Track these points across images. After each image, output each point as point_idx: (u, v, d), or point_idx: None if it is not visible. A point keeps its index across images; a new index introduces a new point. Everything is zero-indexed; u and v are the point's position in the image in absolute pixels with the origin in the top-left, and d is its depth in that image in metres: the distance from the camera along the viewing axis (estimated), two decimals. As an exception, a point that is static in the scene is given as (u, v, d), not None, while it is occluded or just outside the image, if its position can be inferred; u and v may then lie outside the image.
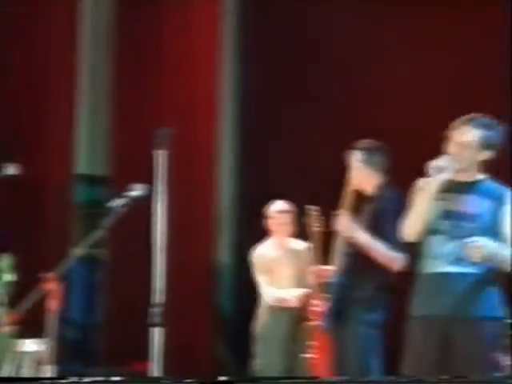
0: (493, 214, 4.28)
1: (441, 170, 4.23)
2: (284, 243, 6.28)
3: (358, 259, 5.08)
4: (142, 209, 5.76)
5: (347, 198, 5.27)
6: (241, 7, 9.01)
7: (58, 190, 7.85)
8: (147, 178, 4.68)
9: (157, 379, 4.53)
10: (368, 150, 5.32)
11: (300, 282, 6.17)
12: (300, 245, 6.20)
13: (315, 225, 5.89)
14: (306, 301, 6.00)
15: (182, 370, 6.53)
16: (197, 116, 8.37)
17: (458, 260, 4.21)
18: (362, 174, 5.29)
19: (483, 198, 4.30)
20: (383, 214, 5.10)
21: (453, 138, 4.35)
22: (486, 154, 4.32)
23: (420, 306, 4.33)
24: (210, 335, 8.33)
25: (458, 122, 4.36)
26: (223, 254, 8.67)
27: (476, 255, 4.11)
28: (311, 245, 6.03)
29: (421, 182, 4.39)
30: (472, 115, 4.42)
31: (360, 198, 5.20)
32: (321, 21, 8.26)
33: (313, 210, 5.91)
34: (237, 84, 9.09)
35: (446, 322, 4.23)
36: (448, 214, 4.27)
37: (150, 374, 4.77)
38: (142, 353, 4.76)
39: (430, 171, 4.26)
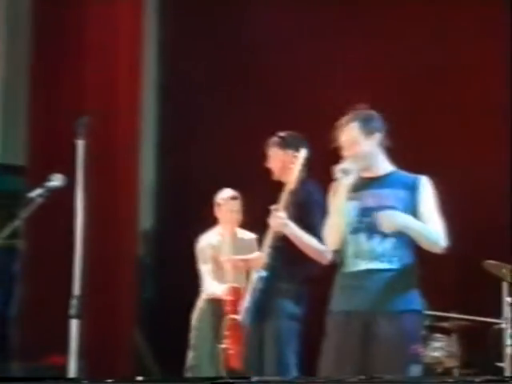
0: (409, 204, 4.31)
1: (347, 172, 4.25)
2: (231, 232, 6.16)
3: (286, 252, 5.06)
4: (61, 199, 5.80)
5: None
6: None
7: None
8: (67, 168, 4.62)
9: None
10: (288, 138, 5.30)
11: (243, 273, 5.97)
12: (246, 235, 6.11)
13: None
14: (237, 293, 5.83)
15: (100, 363, 6.54)
16: (118, 105, 8.29)
17: (379, 256, 4.25)
18: (282, 164, 5.25)
19: (397, 189, 4.33)
20: (307, 206, 5.10)
21: (340, 139, 4.41)
22: (372, 144, 4.36)
23: (340, 301, 4.36)
24: (130, 328, 8.29)
25: (339, 123, 4.40)
26: (145, 245, 8.68)
27: (388, 225, 4.17)
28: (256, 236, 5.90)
29: (333, 187, 4.42)
30: (351, 112, 4.48)
31: (284, 189, 5.14)
32: (242, 11, 8.29)
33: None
34: (158, 73, 9.14)
35: (366, 317, 4.24)
36: (365, 212, 4.29)
37: (67, 368, 4.65)
38: (61, 346, 4.70)
39: (337, 174, 4.27)
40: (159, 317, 8.74)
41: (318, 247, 4.94)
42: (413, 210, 4.30)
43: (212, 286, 6.11)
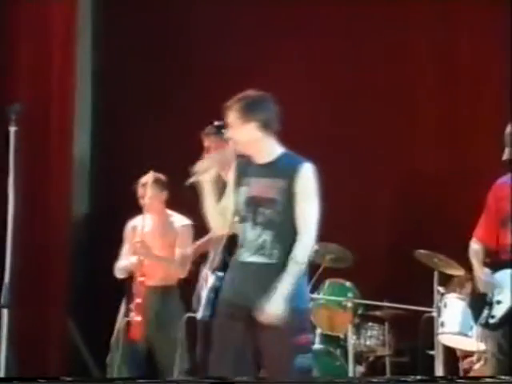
0: (288, 195, 4.14)
1: (199, 172, 4.22)
2: (156, 215, 6.03)
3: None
4: None
5: None
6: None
7: None
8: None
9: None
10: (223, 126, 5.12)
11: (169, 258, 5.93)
12: (178, 220, 6.00)
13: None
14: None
15: (31, 353, 6.46)
16: (51, 91, 8.11)
17: (261, 249, 4.13)
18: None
19: (278, 178, 4.15)
20: None
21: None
22: (251, 129, 4.18)
23: (229, 291, 4.25)
24: (63, 318, 8.15)
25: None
26: (78, 232, 8.54)
27: (272, 318, 4.05)
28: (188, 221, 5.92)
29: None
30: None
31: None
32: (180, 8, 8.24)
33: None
34: (93, 59, 8.98)
35: (249, 312, 4.15)
36: (249, 201, 4.17)
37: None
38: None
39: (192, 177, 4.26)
40: (92, 305, 8.58)
41: None
42: (291, 202, 4.15)
43: (121, 262, 6.02)
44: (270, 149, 4.25)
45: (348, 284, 6.57)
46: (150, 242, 5.84)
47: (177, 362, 5.59)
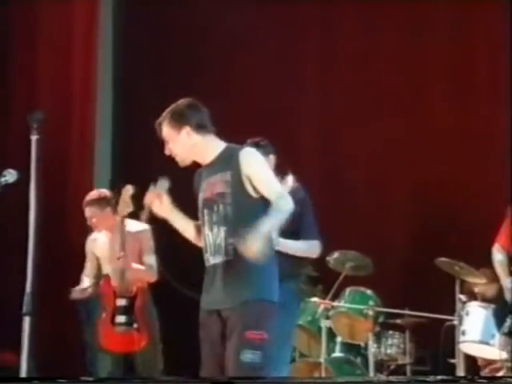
0: (237, 186, 4.14)
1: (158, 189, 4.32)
2: (111, 232, 5.99)
3: None
4: (16, 195, 5.74)
5: None
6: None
7: None
8: (21, 163, 4.53)
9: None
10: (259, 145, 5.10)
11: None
12: (135, 227, 5.87)
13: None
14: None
15: (53, 360, 6.47)
16: (72, 100, 8.21)
17: (219, 249, 4.14)
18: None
19: (222, 172, 4.16)
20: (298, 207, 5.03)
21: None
22: (184, 137, 4.22)
23: (203, 298, 4.29)
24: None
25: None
26: None
27: (251, 253, 4.01)
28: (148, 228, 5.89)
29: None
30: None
31: None
32: (199, 14, 8.29)
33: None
34: (114, 67, 8.89)
35: (219, 313, 4.18)
36: (204, 204, 4.20)
37: (20, 365, 4.56)
38: (16, 343, 4.65)
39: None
40: None
41: None
42: (242, 191, 4.14)
43: (82, 283, 6.08)
44: (211, 147, 4.28)
45: (369, 292, 6.58)
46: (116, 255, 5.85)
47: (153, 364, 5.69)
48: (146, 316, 5.78)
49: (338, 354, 6.84)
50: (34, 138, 4.44)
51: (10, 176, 4.60)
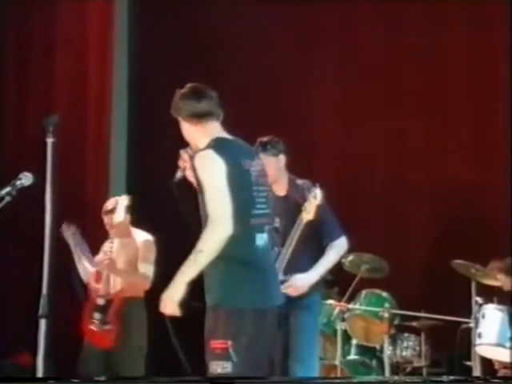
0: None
1: None
2: (121, 239, 6.12)
3: None
4: (32, 198, 5.73)
5: None
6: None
7: None
8: (37, 166, 4.56)
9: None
10: (270, 143, 5.19)
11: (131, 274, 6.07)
12: (138, 236, 6.10)
13: None
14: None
15: (69, 363, 6.46)
16: (87, 103, 8.28)
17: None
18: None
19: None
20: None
21: None
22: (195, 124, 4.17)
23: None
24: None
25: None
26: None
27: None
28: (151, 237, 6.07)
29: None
30: None
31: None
32: (210, 12, 8.28)
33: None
34: (129, 70, 8.94)
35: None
36: None
37: (36, 367, 4.59)
38: (32, 345, 4.67)
39: None
40: None
41: None
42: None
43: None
44: (200, 140, 4.19)
45: (385, 294, 6.58)
46: (115, 259, 6.01)
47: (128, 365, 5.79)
48: (121, 319, 5.89)
49: (353, 356, 6.84)
50: (49, 140, 4.45)
51: (26, 179, 4.61)
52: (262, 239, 4.09)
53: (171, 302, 4.03)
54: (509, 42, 7.13)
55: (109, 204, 6.15)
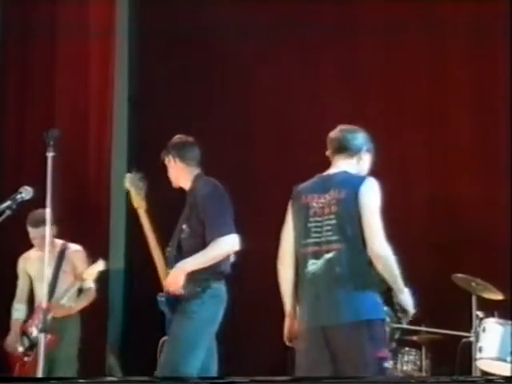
0: None
1: None
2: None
3: None
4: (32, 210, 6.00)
5: None
6: (134, 13, 9.07)
7: None
8: (38, 179, 4.74)
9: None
10: (179, 147, 5.44)
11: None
12: (67, 247, 6.24)
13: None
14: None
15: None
16: (88, 118, 8.33)
17: None
18: (175, 170, 5.44)
19: None
20: (197, 206, 5.23)
21: None
22: None
23: None
24: (100, 334, 8.27)
25: None
26: (115, 257, 8.57)
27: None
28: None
29: None
30: None
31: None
32: (214, 30, 8.33)
33: None
34: (129, 87, 9.07)
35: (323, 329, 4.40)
36: None
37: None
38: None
39: None
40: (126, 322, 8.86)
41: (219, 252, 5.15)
42: None
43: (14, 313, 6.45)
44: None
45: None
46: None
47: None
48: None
49: None
50: (50, 155, 4.59)
51: (26, 193, 4.72)
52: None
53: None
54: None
55: (36, 216, 6.07)
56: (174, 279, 5.08)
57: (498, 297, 6.18)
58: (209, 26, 8.29)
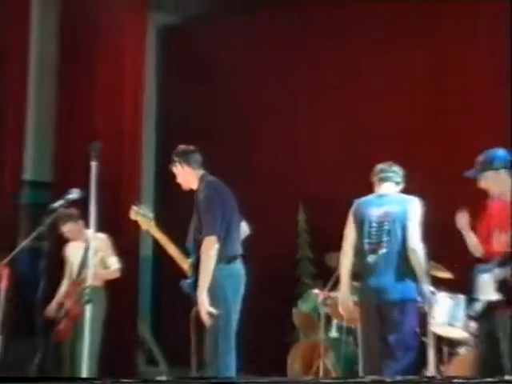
0: None
1: None
2: (79, 242, 6.31)
3: None
4: (78, 209, 6.08)
5: None
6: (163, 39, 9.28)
7: (10, 194, 7.87)
8: (84, 183, 4.76)
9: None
10: (183, 154, 5.40)
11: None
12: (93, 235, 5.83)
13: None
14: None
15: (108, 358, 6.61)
16: (123, 131, 8.41)
17: None
18: (184, 174, 5.40)
19: None
20: (199, 204, 5.21)
21: None
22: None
23: None
24: (134, 321, 8.37)
25: None
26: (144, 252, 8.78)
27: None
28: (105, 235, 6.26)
29: None
30: None
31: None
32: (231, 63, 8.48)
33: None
34: (158, 104, 9.32)
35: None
36: None
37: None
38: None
39: None
40: (159, 308, 8.96)
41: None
42: None
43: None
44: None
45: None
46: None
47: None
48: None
49: (334, 334, 6.99)
50: (93, 163, 4.63)
51: (75, 194, 5.06)
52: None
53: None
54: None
55: (67, 214, 6.18)
56: (202, 306, 4.98)
57: (448, 275, 6.32)
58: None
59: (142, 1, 8.67)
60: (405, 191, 5.58)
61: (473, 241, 5.01)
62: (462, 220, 5.01)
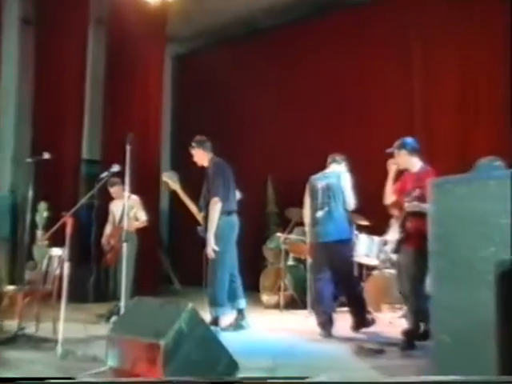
0: None
1: None
2: (121, 200, 5.99)
3: None
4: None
5: None
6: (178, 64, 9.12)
7: (73, 168, 7.87)
8: (122, 161, 4.68)
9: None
10: (199, 141, 5.39)
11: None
12: (130, 199, 5.61)
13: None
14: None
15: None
16: (148, 129, 8.33)
17: None
18: (199, 155, 5.42)
19: None
20: (209, 177, 5.27)
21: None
22: None
23: None
24: (155, 248, 8.26)
25: None
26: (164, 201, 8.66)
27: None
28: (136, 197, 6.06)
29: None
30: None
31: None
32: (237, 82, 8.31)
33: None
34: (173, 113, 9.31)
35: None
36: None
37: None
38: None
39: None
40: (173, 246, 8.76)
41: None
42: None
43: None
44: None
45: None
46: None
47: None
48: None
49: (290, 262, 7.09)
50: (128, 148, 4.66)
51: (116, 168, 4.96)
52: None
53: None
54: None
55: (113, 181, 6.02)
56: (209, 244, 5.02)
57: (366, 222, 6.36)
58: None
59: (161, 36, 8.55)
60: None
61: (389, 188, 4.82)
62: (391, 166, 4.78)
